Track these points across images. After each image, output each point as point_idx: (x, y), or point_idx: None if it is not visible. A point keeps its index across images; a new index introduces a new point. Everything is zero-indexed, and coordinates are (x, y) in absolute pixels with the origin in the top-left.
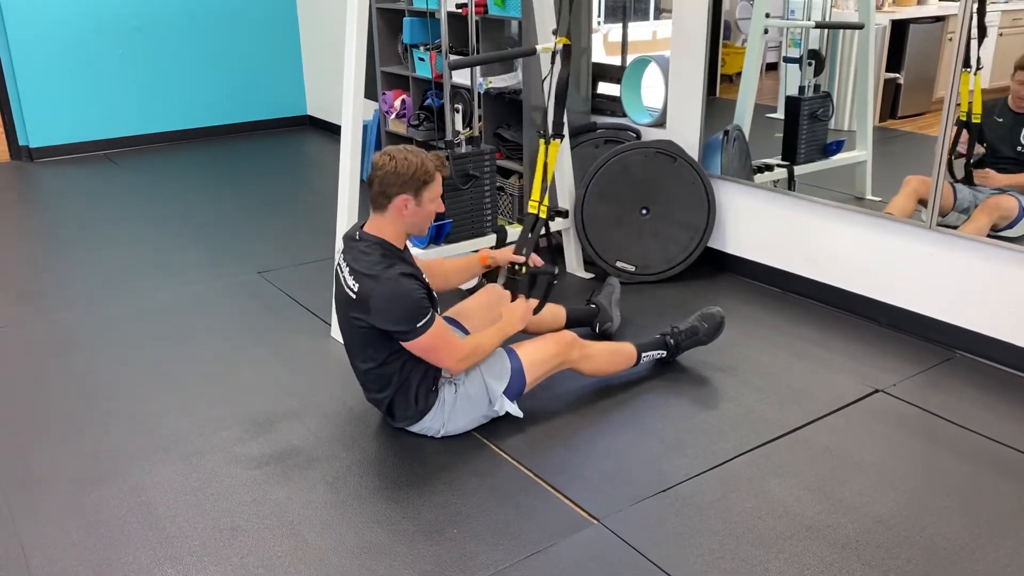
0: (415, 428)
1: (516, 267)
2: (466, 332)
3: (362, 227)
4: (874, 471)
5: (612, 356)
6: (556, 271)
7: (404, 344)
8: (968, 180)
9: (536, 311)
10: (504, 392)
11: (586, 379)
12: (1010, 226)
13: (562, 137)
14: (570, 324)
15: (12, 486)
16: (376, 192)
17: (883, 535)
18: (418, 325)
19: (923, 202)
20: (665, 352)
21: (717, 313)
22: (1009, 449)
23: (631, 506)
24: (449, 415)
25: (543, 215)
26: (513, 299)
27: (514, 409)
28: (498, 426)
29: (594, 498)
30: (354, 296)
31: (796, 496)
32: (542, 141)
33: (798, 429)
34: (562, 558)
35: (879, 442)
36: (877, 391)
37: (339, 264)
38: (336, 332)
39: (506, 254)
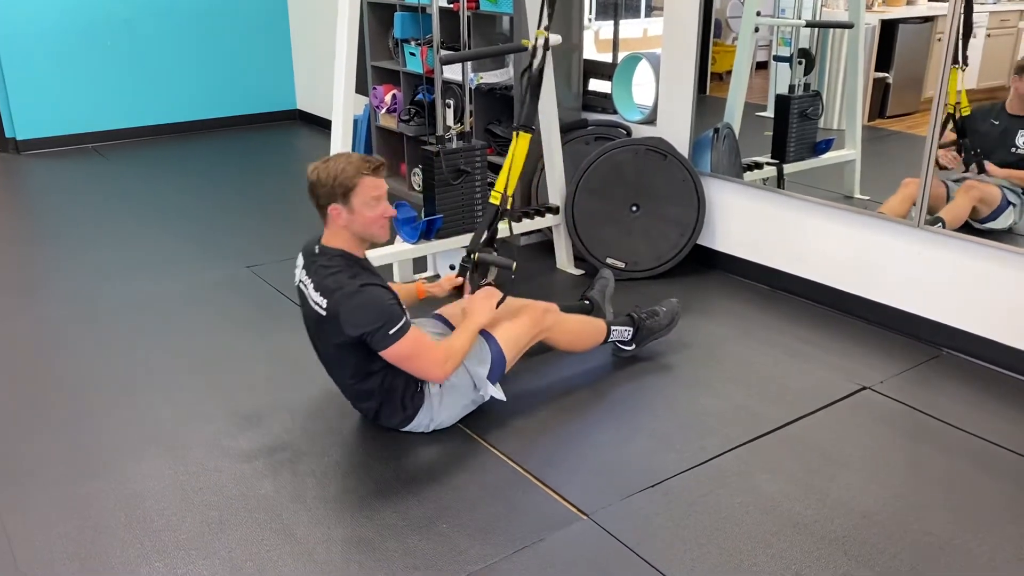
0: (404, 428)
1: (470, 255)
2: (448, 325)
3: (320, 240)
4: (861, 467)
5: (584, 325)
6: (513, 265)
7: (381, 354)
8: (981, 168)
9: (498, 304)
10: (488, 375)
11: (574, 372)
12: (993, 216)
13: (530, 131)
14: None
15: None
16: (315, 206)
17: (870, 530)
18: (391, 332)
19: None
20: (632, 329)
21: (675, 301)
22: (994, 446)
23: (620, 501)
24: (436, 410)
25: (510, 206)
26: (473, 290)
27: (498, 392)
28: (487, 421)
29: (583, 493)
30: (324, 313)
31: (784, 492)
32: (515, 133)
33: (786, 425)
34: (551, 553)
35: (866, 438)
36: (864, 388)
37: (301, 281)
38: None
39: (443, 286)
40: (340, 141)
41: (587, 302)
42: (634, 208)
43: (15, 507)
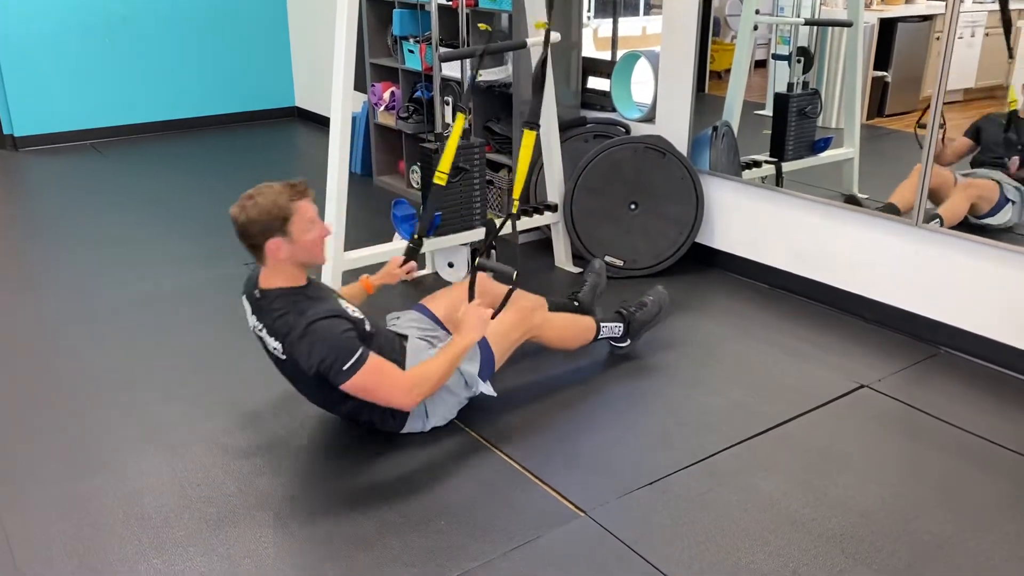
0: (402, 431)
1: (420, 239)
2: (432, 317)
3: (257, 281)
4: (859, 465)
5: (574, 322)
6: (515, 274)
7: (341, 388)
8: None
9: (494, 315)
10: (479, 373)
11: (573, 370)
12: (992, 212)
13: (535, 127)
14: None
15: None
16: (248, 247)
17: (867, 528)
18: (344, 368)
19: (930, 194)
20: (622, 324)
21: (662, 288)
22: (991, 444)
23: (618, 498)
24: (430, 412)
25: (513, 209)
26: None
27: (488, 389)
28: (486, 419)
29: (581, 490)
30: (283, 357)
31: (782, 490)
32: (535, 133)
33: (784, 423)
34: (549, 550)
35: (864, 437)
36: (862, 386)
37: (254, 327)
38: None
39: (394, 273)
40: (339, 138)
41: (575, 304)
42: (633, 206)
43: (13, 505)
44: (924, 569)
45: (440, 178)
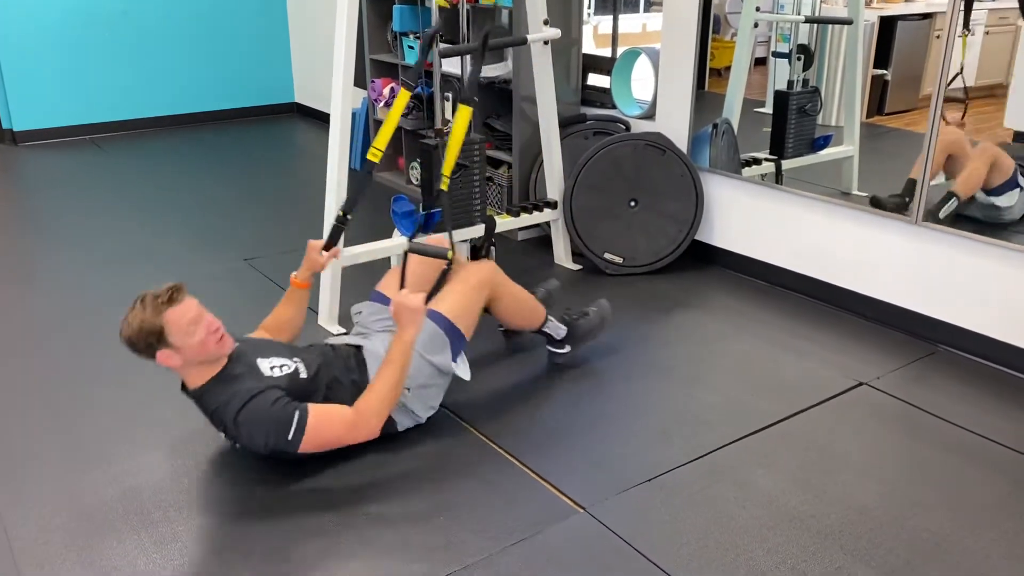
0: (399, 431)
1: (345, 215)
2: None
3: (182, 385)
4: (857, 463)
5: (527, 296)
6: (449, 253)
7: (296, 453)
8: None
9: (428, 298)
10: (452, 356)
11: (571, 367)
12: (1000, 190)
13: (471, 103)
14: None
15: None
16: (149, 359)
17: (865, 525)
18: (289, 437)
19: (946, 164)
20: (564, 328)
21: (605, 302)
22: (989, 442)
23: (617, 495)
24: (417, 410)
25: (443, 186)
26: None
27: (463, 372)
28: (484, 415)
29: (580, 486)
30: (236, 444)
31: (780, 487)
32: (470, 109)
33: (783, 421)
34: (548, 546)
35: (862, 434)
36: (861, 384)
37: None
38: (323, 320)
39: (317, 260)
40: (339, 134)
41: None
42: (632, 203)
43: (13, 500)
44: (922, 566)
45: (374, 155)
